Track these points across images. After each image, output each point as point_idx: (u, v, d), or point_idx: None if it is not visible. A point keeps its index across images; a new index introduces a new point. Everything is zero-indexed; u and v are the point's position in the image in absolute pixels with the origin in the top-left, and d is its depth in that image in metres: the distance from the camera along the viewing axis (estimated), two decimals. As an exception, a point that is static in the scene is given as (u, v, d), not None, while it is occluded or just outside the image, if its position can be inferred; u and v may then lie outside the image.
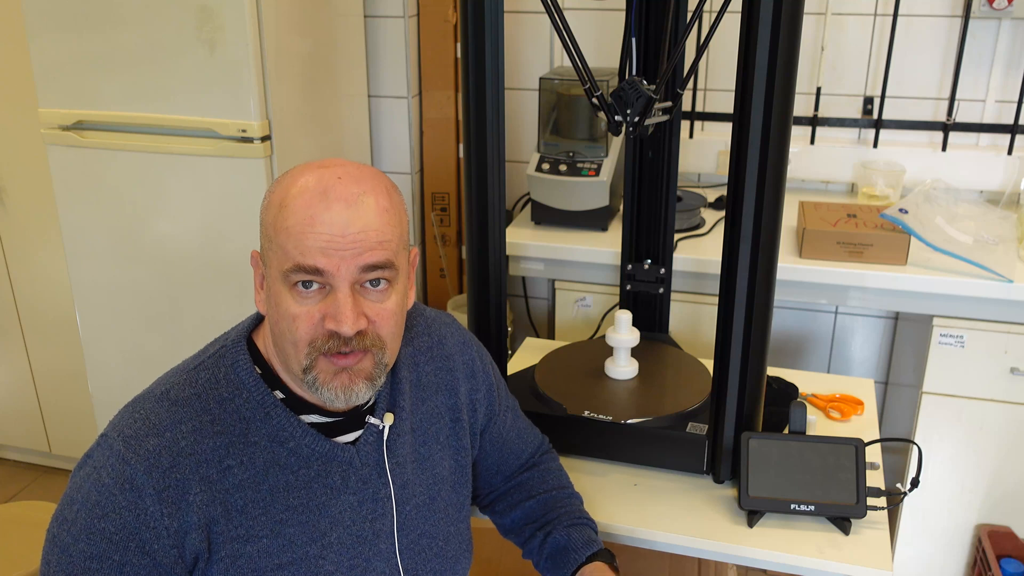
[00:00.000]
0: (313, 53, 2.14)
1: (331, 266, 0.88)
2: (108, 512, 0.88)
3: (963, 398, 1.98)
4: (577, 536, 1.17)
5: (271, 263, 0.92)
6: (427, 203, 2.63)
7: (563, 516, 1.20)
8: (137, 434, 0.91)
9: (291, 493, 0.95)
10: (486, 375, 1.19)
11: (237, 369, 0.96)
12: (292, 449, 0.96)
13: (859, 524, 1.29)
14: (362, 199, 0.90)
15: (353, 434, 1.01)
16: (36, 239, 2.53)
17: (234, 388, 0.95)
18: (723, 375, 1.32)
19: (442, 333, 1.15)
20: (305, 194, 0.89)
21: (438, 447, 1.10)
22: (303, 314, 0.90)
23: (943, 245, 1.88)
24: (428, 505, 1.08)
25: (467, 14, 1.27)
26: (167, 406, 0.94)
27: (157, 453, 0.90)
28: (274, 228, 0.90)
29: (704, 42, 1.26)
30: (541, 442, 1.32)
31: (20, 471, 2.89)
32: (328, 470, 0.98)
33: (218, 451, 0.93)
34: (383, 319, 0.93)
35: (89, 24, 1.94)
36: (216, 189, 1.99)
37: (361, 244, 0.89)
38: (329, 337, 0.91)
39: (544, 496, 1.23)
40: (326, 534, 0.98)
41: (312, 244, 0.87)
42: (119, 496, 0.88)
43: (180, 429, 0.92)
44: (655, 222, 1.66)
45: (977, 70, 2.20)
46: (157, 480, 0.89)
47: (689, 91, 2.39)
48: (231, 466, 0.93)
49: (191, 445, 0.91)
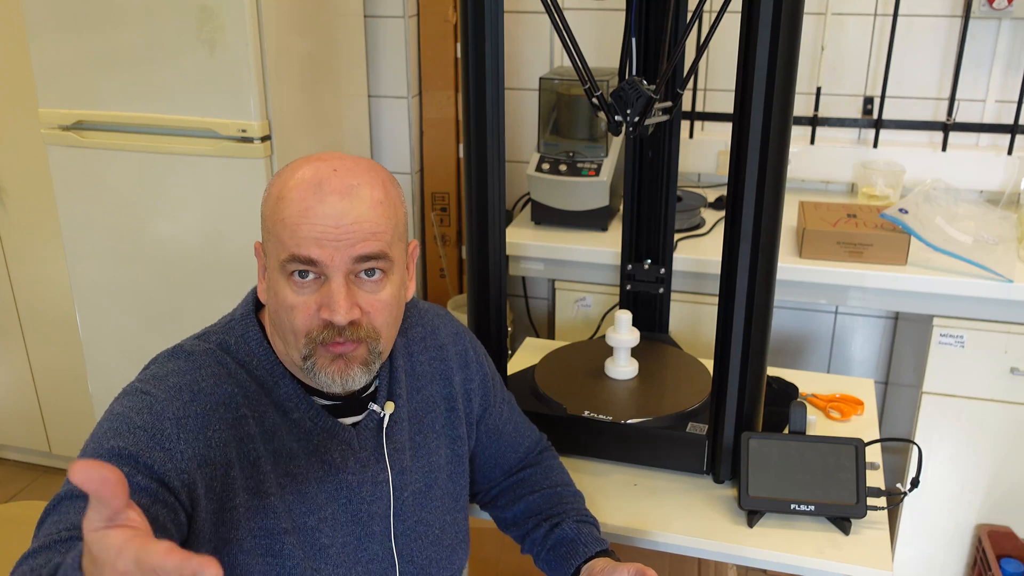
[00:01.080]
0: (313, 53, 2.14)
1: (325, 256, 0.89)
2: (121, 432, 0.86)
3: (963, 398, 1.98)
4: (587, 532, 1.17)
5: (270, 253, 0.94)
6: (427, 203, 2.63)
7: (571, 511, 1.21)
8: (156, 376, 0.93)
9: (292, 460, 0.97)
10: (479, 365, 1.20)
11: (248, 339, 0.99)
12: (297, 420, 0.98)
13: (859, 524, 1.29)
14: (356, 191, 0.91)
15: (354, 418, 1.03)
16: (36, 239, 2.53)
17: (245, 354, 0.98)
18: (723, 375, 1.32)
19: (435, 324, 1.16)
20: (301, 186, 0.91)
21: (434, 435, 1.12)
22: (300, 304, 0.92)
23: (943, 245, 1.88)
24: (425, 492, 1.09)
25: (467, 14, 1.27)
26: (184, 356, 0.96)
27: (178, 388, 0.91)
28: (272, 220, 0.92)
29: (704, 42, 1.26)
30: (540, 438, 1.32)
31: (20, 471, 2.89)
32: (328, 446, 0.99)
33: (236, 397, 0.94)
34: (377, 310, 0.94)
35: (89, 24, 1.94)
36: (216, 189, 1.99)
37: (354, 235, 0.90)
38: (324, 327, 0.92)
39: (548, 491, 1.23)
40: (323, 507, 0.99)
41: (307, 235, 0.89)
42: (135, 418, 0.87)
43: (200, 372, 0.94)
44: (655, 222, 1.66)
45: (977, 70, 2.20)
46: (178, 408, 0.90)
47: (689, 91, 2.39)
48: (246, 415, 0.94)
49: (211, 386, 0.93)
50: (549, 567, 1.18)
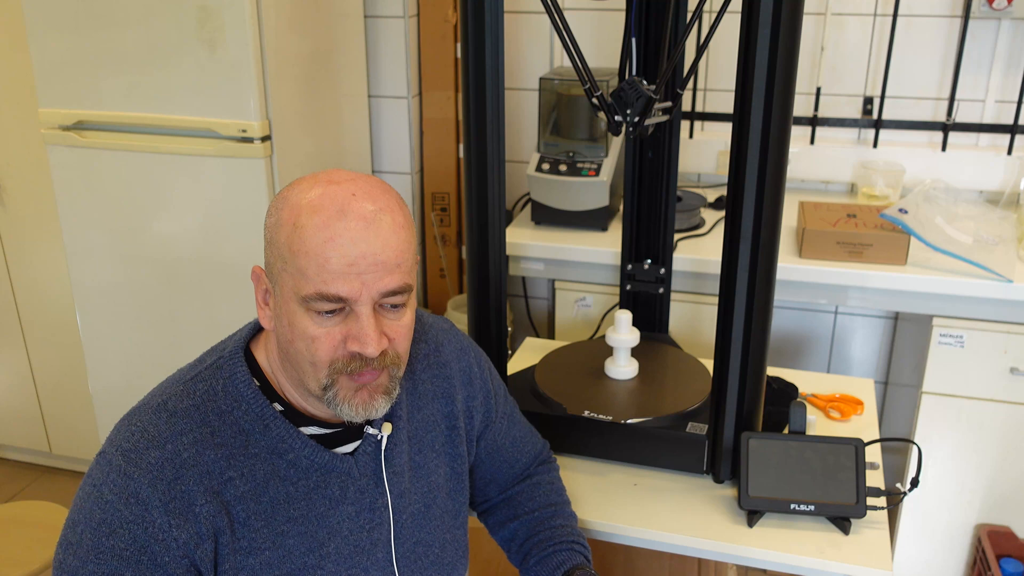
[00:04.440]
0: (313, 53, 2.14)
1: (353, 293, 0.87)
2: (115, 528, 0.87)
3: (963, 398, 1.98)
4: (550, 562, 1.15)
5: (284, 283, 0.90)
6: (427, 203, 2.63)
7: (542, 542, 1.19)
8: (136, 447, 0.90)
9: (291, 504, 0.95)
10: (483, 382, 1.18)
11: (235, 381, 0.95)
12: (291, 461, 0.96)
13: (859, 524, 1.29)
14: (378, 217, 0.88)
15: (351, 445, 1.01)
16: (36, 239, 2.53)
17: (232, 400, 0.95)
18: (723, 375, 1.32)
19: (439, 340, 1.14)
20: (320, 213, 0.87)
21: (434, 455, 1.10)
22: (323, 335, 0.89)
23: (943, 245, 1.88)
24: (424, 513, 1.08)
25: (467, 14, 1.27)
26: (165, 418, 0.93)
27: (160, 465, 0.89)
28: (289, 249, 0.88)
29: (704, 42, 1.26)
30: (540, 451, 1.30)
31: (20, 471, 2.89)
32: (327, 481, 0.98)
33: (219, 463, 0.92)
34: (400, 336, 0.93)
35: (89, 24, 1.94)
36: (216, 189, 1.99)
37: (381, 266, 0.88)
38: (352, 359, 0.90)
39: (528, 517, 1.22)
40: (324, 544, 0.98)
41: (333, 268, 0.86)
42: (124, 511, 0.87)
43: (181, 441, 0.91)
44: (655, 222, 1.66)
45: (977, 70, 2.20)
46: (162, 492, 0.88)
47: (689, 91, 2.39)
48: (232, 478, 0.92)
49: (193, 457, 0.91)
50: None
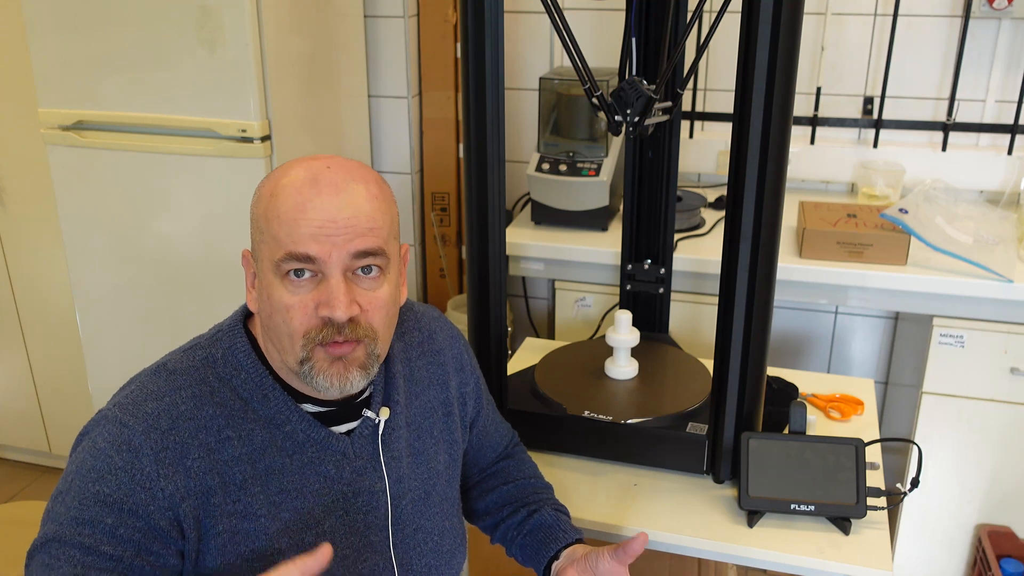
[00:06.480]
0: (313, 53, 2.14)
1: (323, 252, 0.88)
2: (104, 474, 0.87)
3: (963, 398, 1.98)
4: (564, 520, 1.18)
5: (262, 255, 0.92)
6: (427, 203, 2.63)
7: (547, 500, 1.22)
8: (135, 400, 0.92)
9: (286, 476, 0.96)
10: (473, 369, 1.20)
11: (235, 351, 0.97)
12: (288, 433, 0.96)
13: (859, 524, 1.29)
14: (351, 186, 0.91)
15: (348, 425, 1.02)
16: (36, 239, 2.53)
17: (232, 368, 0.96)
18: (723, 375, 1.32)
19: (432, 328, 1.16)
20: (295, 183, 0.90)
21: (432, 441, 1.11)
22: (296, 304, 0.90)
23: (943, 245, 1.88)
24: (424, 500, 1.09)
25: (467, 14, 1.27)
26: (165, 376, 0.94)
27: (156, 415, 0.90)
28: (264, 218, 0.91)
29: (704, 42, 1.26)
30: (513, 435, 1.33)
31: (20, 471, 2.89)
32: (322, 457, 0.98)
33: (217, 420, 0.93)
34: (375, 308, 0.93)
35: (89, 24, 1.94)
36: (216, 189, 1.99)
37: (352, 230, 0.89)
38: (323, 326, 0.91)
39: (523, 482, 1.24)
40: (320, 522, 0.98)
41: (303, 231, 0.88)
42: (115, 457, 0.87)
43: (180, 394, 0.92)
44: (655, 222, 1.66)
45: (977, 70, 2.20)
46: (155, 441, 0.88)
47: (689, 91, 2.39)
48: (230, 437, 0.93)
49: (191, 410, 0.92)
50: (524, 552, 1.18)
